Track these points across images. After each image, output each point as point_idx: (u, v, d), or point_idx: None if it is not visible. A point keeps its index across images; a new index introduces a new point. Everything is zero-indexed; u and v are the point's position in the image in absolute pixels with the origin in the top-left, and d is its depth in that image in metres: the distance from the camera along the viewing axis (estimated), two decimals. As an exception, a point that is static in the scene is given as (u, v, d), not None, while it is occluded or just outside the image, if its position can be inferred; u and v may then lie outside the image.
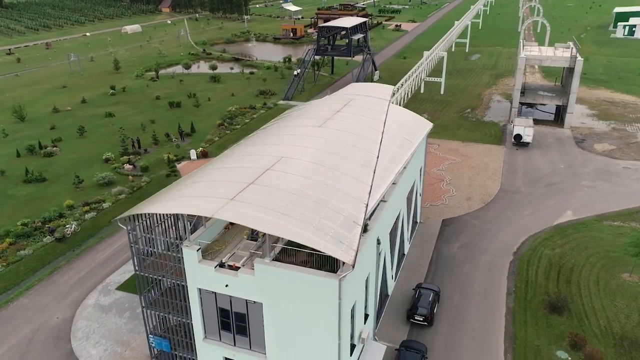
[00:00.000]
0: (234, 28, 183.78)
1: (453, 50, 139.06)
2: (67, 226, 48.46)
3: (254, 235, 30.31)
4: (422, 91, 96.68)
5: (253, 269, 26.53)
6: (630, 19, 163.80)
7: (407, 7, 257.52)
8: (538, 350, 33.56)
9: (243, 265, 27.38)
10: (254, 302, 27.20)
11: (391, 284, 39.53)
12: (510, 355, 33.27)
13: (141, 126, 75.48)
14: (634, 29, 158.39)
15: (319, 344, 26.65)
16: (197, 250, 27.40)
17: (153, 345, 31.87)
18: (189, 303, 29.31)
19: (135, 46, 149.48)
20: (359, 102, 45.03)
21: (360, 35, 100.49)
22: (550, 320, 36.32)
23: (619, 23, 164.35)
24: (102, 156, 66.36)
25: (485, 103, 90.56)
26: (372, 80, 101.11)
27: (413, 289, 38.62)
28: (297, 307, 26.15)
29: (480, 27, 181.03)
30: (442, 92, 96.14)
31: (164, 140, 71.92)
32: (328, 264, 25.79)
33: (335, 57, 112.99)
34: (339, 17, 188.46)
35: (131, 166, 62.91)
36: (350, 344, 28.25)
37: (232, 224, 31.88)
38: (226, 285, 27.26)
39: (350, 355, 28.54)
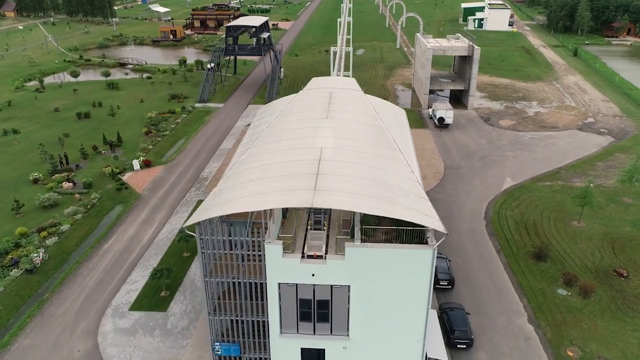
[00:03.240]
0: (103, 32, 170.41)
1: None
2: (35, 255, 43.05)
3: (316, 225, 31.05)
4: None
5: (341, 254, 27.58)
6: (477, 13, 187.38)
7: (273, 6, 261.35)
8: (543, 292, 39.39)
9: (326, 253, 28.23)
10: (340, 286, 28.24)
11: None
12: (525, 300, 38.61)
13: (59, 141, 68.08)
14: (482, 21, 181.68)
15: (407, 314, 28.64)
16: (281, 245, 27.57)
17: (219, 352, 30.95)
18: (266, 300, 29.18)
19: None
20: (339, 94, 47.20)
21: (267, 34, 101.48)
22: (540, 267, 42.61)
23: (468, 17, 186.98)
24: (26, 177, 58.99)
25: (392, 92, 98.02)
26: (279, 78, 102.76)
27: (426, 260, 42.12)
28: (388, 282, 27.82)
29: (351, 25, 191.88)
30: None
31: (92, 153, 66.02)
32: (413, 237, 27.90)
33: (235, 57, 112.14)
34: (216, 18, 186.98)
35: (71, 184, 57.01)
36: (423, 310, 30.74)
37: (284, 216, 32.14)
38: (312, 275, 27.89)
39: (423, 321, 31.05)
